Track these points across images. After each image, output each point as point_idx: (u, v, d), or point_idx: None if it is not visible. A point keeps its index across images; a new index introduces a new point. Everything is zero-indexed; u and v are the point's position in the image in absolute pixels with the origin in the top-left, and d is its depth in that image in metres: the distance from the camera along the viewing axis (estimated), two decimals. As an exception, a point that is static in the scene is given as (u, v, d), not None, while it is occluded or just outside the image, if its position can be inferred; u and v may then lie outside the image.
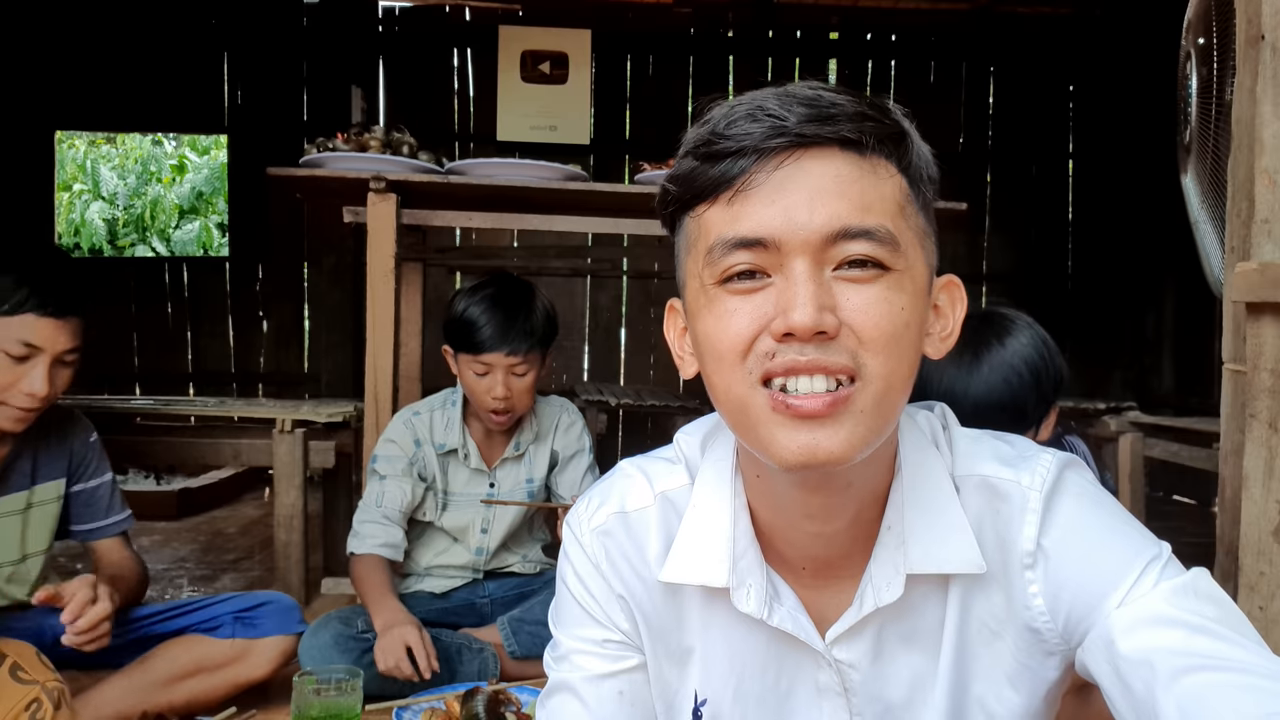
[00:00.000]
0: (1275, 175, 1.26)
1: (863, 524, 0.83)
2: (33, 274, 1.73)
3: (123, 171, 11.05)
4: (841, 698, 0.85)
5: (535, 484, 2.36)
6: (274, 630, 2.01)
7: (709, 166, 0.74)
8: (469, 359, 2.16)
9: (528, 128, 5.08)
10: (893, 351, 0.72)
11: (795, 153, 0.72)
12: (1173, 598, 0.74)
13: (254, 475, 4.93)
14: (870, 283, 0.72)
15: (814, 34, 5.59)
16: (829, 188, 0.72)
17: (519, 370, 2.15)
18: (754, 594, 0.83)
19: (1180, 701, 0.68)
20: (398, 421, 2.30)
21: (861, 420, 0.72)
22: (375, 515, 2.20)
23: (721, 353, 0.74)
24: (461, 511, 2.31)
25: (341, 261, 5.30)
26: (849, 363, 0.71)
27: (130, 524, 2.07)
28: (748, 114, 0.73)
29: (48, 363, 1.75)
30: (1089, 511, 0.81)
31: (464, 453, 2.28)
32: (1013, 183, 5.63)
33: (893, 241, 0.72)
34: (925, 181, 0.78)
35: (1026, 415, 1.49)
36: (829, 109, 0.72)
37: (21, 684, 1.25)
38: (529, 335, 2.15)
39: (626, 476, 0.92)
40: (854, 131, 0.72)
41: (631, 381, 5.48)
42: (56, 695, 1.26)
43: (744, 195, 0.73)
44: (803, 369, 0.71)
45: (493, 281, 2.24)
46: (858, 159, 0.73)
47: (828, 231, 0.71)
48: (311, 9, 5.34)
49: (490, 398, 2.15)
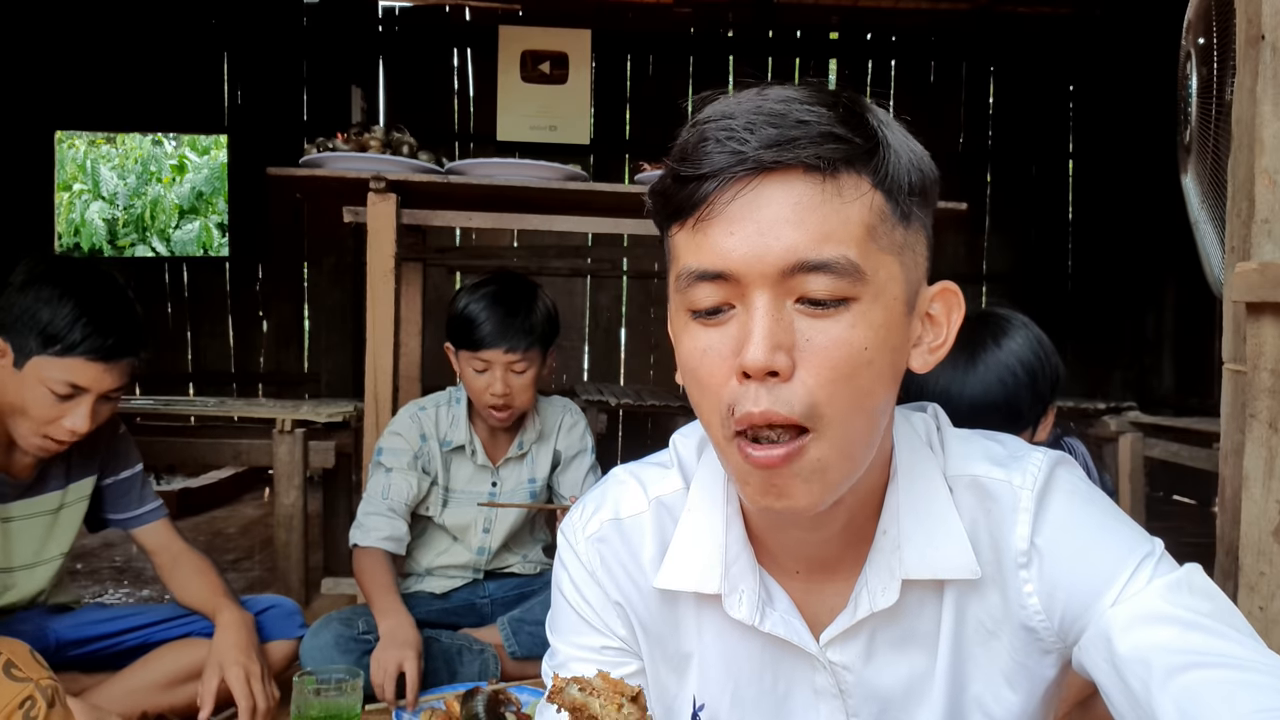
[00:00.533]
0: (1275, 175, 1.26)
1: (855, 527, 0.83)
2: (88, 317, 1.67)
3: (123, 171, 11.06)
4: (838, 699, 0.85)
5: (538, 484, 2.36)
6: (275, 634, 2.01)
7: (679, 188, 0.73)
8: (469, 355, 2.16)
9: (528, 128, 5.08)
10: (855, 389, 0.71)
11: (755, 179, 0.70)
12: (1167, 594, 0.74)
13: (254, 475, 4.93)
14: (830, 317, 0.71)
15: (814, 34, 5.59)
16: (786, 217, 0.70)
17: (518, 368, 2.15)
18: (746, 600, 0.83)
19: (1177, 699, 0.69)
20: (403, 415, 2.30)
21: (820, 474, 0.72)
22: (380, 507, 2.19)
23: (702, 390, 0.75)
24: (463, 509, 2.31)
25: (341, 261, 5.30)
26: (800, 412, 0.70)
27: (165, 512, 2.05)
28: (715, 134, 0.71)
29: (91, 401, 1.71)
30: (1081, 509, 0.81)
31: (470, 449, 2.29)
32: (1013, 183, 5.63)
33: (854, 272, 0.70)
34: (906, 192, 0.74)
35: (1022, 415, 1.49)
36: (792, 129, 0.70)
37: (15, 681, 1.24)
38: (528, 333, 2.15)
39: (620, 483, 0.92)
40: (814, 157, 0.70)
41: (631, 381, 5.48)
42: (50, 693, 1.25)
43: (705, 222, 0.72)
44: (757, 420, 0.71)
45: (495, 279, 2.24)
46: (820, 182, 0.71)
47: (785, 264, 0.70)
48: (311, 9, 5.35)
49: (489, 394, 2.15)
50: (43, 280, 1.70)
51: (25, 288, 1.69)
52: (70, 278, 1.73)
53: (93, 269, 1.81)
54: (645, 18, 5.39)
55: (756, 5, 5.37)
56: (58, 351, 1.66)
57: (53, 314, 1.66)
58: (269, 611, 2.03)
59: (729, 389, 0.72)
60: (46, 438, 1.71)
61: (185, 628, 1.98)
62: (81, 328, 1.67)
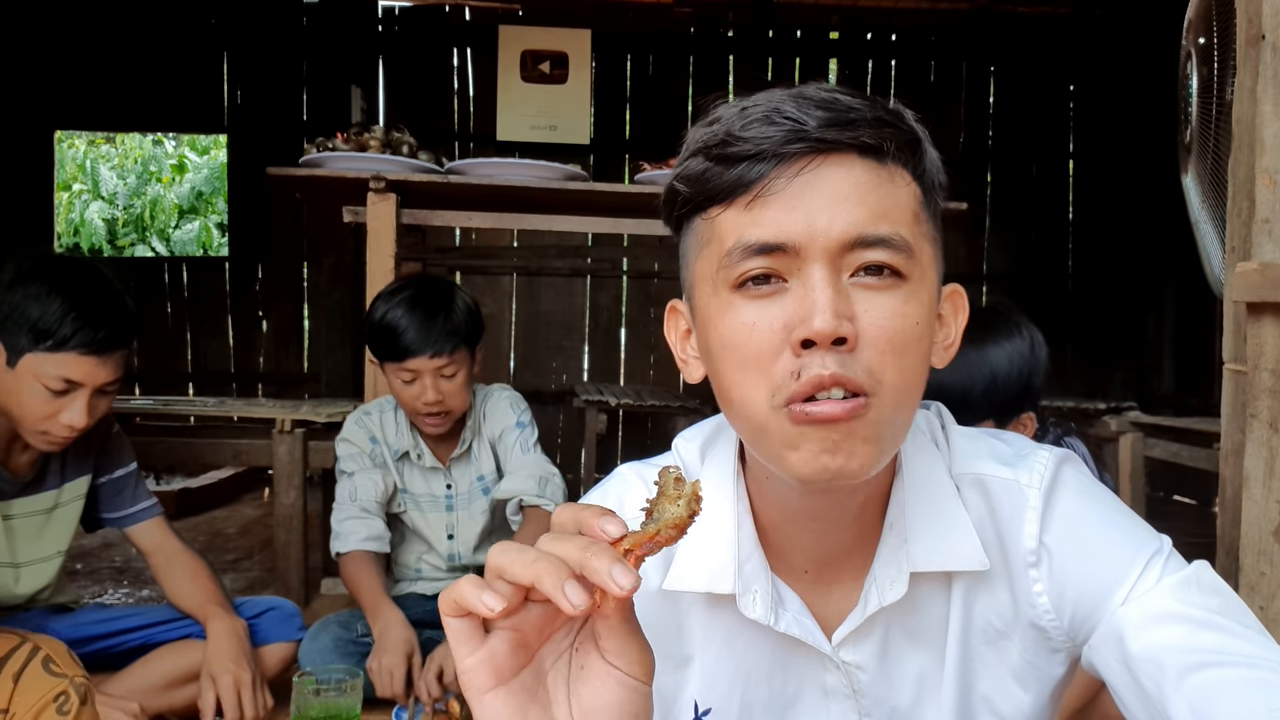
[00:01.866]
0: (1275, 175, 1.26)
1: (865, 523, 0.83)
2: (77, 311, 1.66)
3: (123, 171, 11.06)
4: (850, 699, 0.85)
5: (488, 480, 2.29)
6: (274, 637, 2.01)
7: (724, 169, 0.73)
8: (394, 367, 2.09)
9: (528, 128, 5.08)
10: (907, 365, 0.72)
11: (815, 158, 0.71)
12: (1177, 592, 0.74)
13: (254, 475, 4.93)
14: (886, 291, 0.72)
15: (814, 34, 5.59)
16: (848, 194, 0.71)
17: (447, 372, 2.08)
18: (760, 599, 0.83)
19: (1191, 699, 0.69)
20: (350, 422, 2.26)
21: (876, 436, 0.72)
22: (353, 510, 2.16)
23: (744, 365, 0.73)
24: (424, 514, 2.28)
25: (341, 261, 5.30)
26: (864, 378, 0.71)
27: (159, 510, 2.05)
28: (764, 116, 0.72)
29: (87, 395, 1.70)
30: (1089, 507, 0.81)
31: (416, 453, 2.25)
32: (1013, 183, 5.63)
33: (908, 249, 0.72)
34: (936, 189, 0.77)
35: (973, 408, 1.52)
36: (847, 113, 0.71)
37: (53, 676, 1.29)
38: (452, 334, 2.07)
39: (624, 481, 0.91)
40: (873, 138, 0.71)
41: (631, 381, 5.47)
42: (83, 690, 1.30)
43: (763, 200, 0.72)
44: (827, 382, 0.70)
45: (409, 284, 2.18)
46: (875, 166, 0.72)
47: (846, 238, 0.71)
48: (311, 9, 5.35)
49: (421, 404, 2.09)
50: (30, 277, 1.68)
51: (13, 285, 1.68)
52: (58, 273, 1.71)
53: (80, 263, 1.80)
54: (645, 18, 5.38)
55: (756, 5, 5.37)
56: (50, 347, 1.66)
57: (42, 310, 1.65)
58: (268, 614, 2.03)
59: (782, 361, 0.71)
60: (44, 433, 1.71)
61: (186, 629, 1.97)
62: (71, 322, 1.66)
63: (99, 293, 1.72)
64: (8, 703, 1.24)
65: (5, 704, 1.24)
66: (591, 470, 3.82)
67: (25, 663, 1.28)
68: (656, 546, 0.60)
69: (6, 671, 1.27)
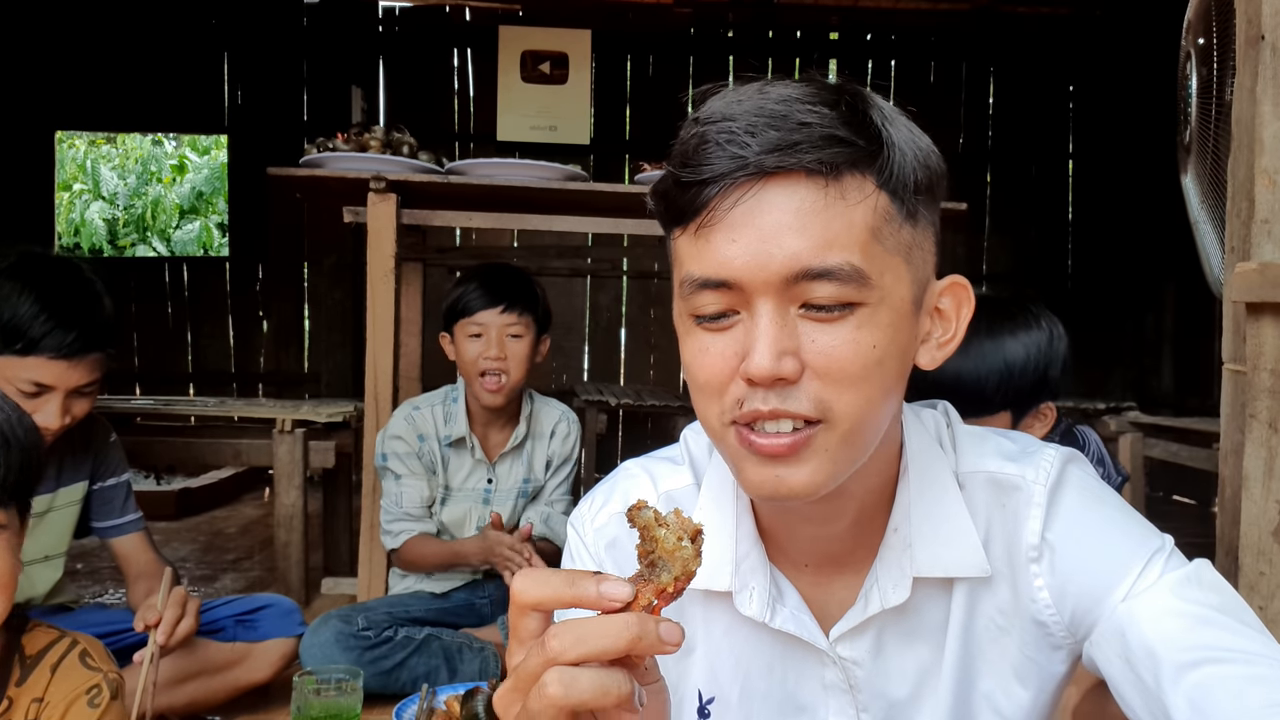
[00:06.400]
0: (1275, 175, 1.27)
1: (865, 523, 0.83)
2: (49, 313, 1.63)
3: (123, 171, 11.06)
4: (848, 694, 0.86)
5: (532, 483, 2.37)
6: (274, 633, 2.01)
7: (680, 192, 0.72)
8: (464, 324, 2.21)
9: (528, 128, 5.09)
10: (861, 390, 0.71)
11: (757, 184, 0.69)
12: (1178, 589, 0.75)
13: (254, 475, 4.93)
14: (836, 322, 0.70)
15: (814, 34, 5.59)
16: (790, 223, 0.69)
17: (513, 330, 2.19)
18: (756, 596, 0.83)
19: (1190, 695, 0.69)
20: (399, 417, 2.31)
21: (826, 458, 0.72)
22: (398, 514, 2.28)
23: (700, 388, 0.75)
24: (458, 506, 2.34)
25: (341, 261, 5.30)
26: (810, 410, 0.71)
27: (142, 525, 2.05)
28: (715, 137, 0.70)
29: (60, 398, 1.69)
30: (1092, 506, 0.81)
31: (470, 442, 2.30)
32: (1013, 183, 5.64)
33: (859, 278, 0.70)
34: (912, 190, 0.73)
35: (988, 401, 1.51)
36: (794, 132, 0.69)
37: (88, 669, 1.34)
38: (521, 297, 2.21)
39: (630, 476, 0.92)
40: (816, 162, 0.69)
41: (631, 381, 5.48)
42: (115, 686, 1.35)
43: (707, 229, 0.71)
44: (765, 417, 0.71)
45: (489, 265, 2.36)
46: (823, 186, 0.69)
47: (789, 272, 0.69)
48: (311, 9, 5.35)
49: (483, 360, 2.18)
50: (4, 277, 1.66)
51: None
52: (33, 274, 1.69)
53: (61, 264, 1.76)
54: (645, 18, 5.39)
55: (756, 5, 5.37)
56: (19, 350, 1.63)
57: (13, 312, 1.62)
58: (266, 610, 2.03)
59: (733, 387, 0.72)
60: None
61: (185, 629, 1.97)
62: (40, 325, 1.63)
63: (74, 295, 1.69)
64: (44, 691, 1.30)
65: (41, 693, 1.30)
66: (591, 470, 3.82)
67: (63, 655, 1.34)
68: (678, 593, 0.59)
69: (45, 662, 1.33)
